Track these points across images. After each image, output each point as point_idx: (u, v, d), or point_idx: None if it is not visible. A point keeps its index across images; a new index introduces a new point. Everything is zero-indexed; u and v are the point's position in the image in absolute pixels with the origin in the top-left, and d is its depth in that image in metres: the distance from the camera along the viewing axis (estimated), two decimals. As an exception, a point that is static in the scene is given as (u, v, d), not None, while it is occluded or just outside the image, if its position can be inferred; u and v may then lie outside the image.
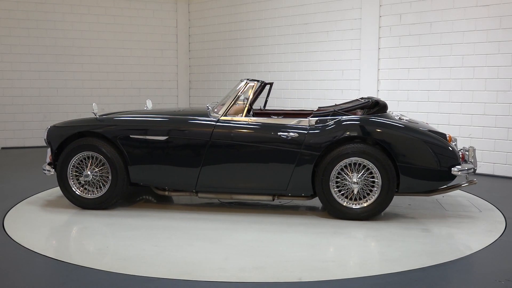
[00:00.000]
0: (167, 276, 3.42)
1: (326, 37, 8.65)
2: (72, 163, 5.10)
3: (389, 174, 4.66)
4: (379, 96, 7.98)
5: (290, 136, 4.80)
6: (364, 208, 4.74)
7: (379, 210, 4.76)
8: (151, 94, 10.75)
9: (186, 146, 4.96)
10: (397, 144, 4.69)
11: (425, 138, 4.73)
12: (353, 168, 4.73)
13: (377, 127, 4.79)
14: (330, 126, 4.81)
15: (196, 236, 4.33)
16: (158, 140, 5.00)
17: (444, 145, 4.73)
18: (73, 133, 5.14)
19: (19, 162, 8.25)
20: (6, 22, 9.51)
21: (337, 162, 4.71)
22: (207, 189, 5.03)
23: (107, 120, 5.23)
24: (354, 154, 4.68)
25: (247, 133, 4.91)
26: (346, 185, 4.74)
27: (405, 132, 4.75)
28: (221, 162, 4.91)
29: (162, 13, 10.85)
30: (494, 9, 6.88)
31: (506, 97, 6.87)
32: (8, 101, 9.65)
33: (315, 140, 4.77)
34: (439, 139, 4.76)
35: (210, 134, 4.90)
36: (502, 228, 4.58)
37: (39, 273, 3.54)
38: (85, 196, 5.11)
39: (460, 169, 4.67)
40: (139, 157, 5.02)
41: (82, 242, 4.22)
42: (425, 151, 4.68)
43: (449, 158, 4.69)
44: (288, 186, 4.84)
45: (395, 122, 4.85)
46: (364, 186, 4.73)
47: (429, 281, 3.38)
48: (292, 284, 3.34)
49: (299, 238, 4.29)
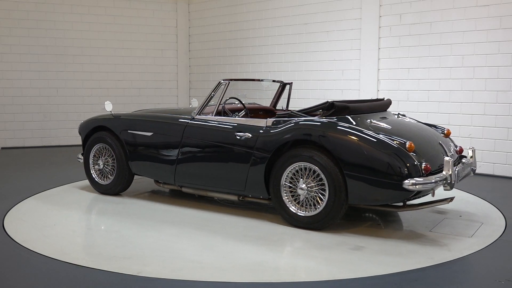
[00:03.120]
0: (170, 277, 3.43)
1: (326, 37, 8.65)
2: (92, 153, 5.84)
3: (335, 182, 4.23)
4: (379, 96, 7.99)
5: (245, 137, 4.75)
6: (312, 217, 4.39)
7: (327, 221, 4.34)
8: (151, 94, 10.77)
9: (166, 142, 5.30)
10: (341, 150, 4.23)
11: (372, 145, 4.16)
12: (307, 174, 4.41)
13: (320, 130, 4.38)
14: (280, 128, 4.59)
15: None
16: (145, 135, 5.44)
17: (395, 154, 4.09)
18: (93, 127, 5.84)
19: (19, 162, 8.25)
20: (6, 22, 9.52)
21: (286, 166, 4.47)
22: (184, 184, 5.27)
23: (116, 117, 5.76)
24: (302, 158, 4.39)
25: (209, 132, 5.03)
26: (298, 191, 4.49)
27: (349, 137, 4.25)
28: (191, 159, 5.14)
29: (162, 13, 10.85)
30: (494, 9, 6.89)
31: (506, 97, 6.88)
32: (8, 101, 9.65)
33: (266, 142, 4.62)
34: (390, 147, 4.13)
35: (182, 132, 5.18)
36: (502, 228, 4.58)
37: (39, 273, 3.54)
38: (100, 182, 5.82)
39: (414, 182, 3.98)
40: (134, 151, 5.52)
41: (82, 242, 4.21)
42: (373, 159, 4.12)
43: (400, 169, 4.04)
44: (246, 188, 4.80)
45: (342, 127, 4.36)
46: (316, 194, 4.38)
47: (428, 281, 3.38)
48: (292, 284, 3.34)
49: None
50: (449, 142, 5.02)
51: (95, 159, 5.84)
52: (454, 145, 5.05)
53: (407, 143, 4.16)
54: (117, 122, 5.68)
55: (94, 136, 5.80)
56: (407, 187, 3.98)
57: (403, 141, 4.19)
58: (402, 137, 4.32)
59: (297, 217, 4.48)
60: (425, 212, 5.07)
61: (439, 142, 4.72)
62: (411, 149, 4.14)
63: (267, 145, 4.60)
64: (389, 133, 4.35)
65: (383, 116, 4.91)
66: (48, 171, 7.34)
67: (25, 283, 3.35)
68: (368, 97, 7.93)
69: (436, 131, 5.10)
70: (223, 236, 4.35)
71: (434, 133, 4.97)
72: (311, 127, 4.44)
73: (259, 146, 4.64)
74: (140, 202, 5.53)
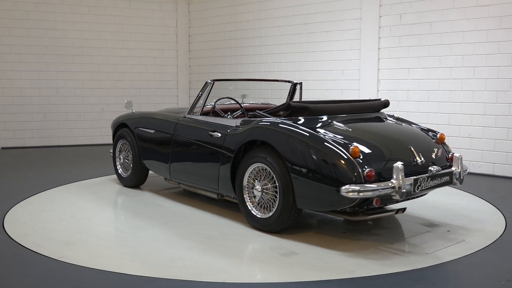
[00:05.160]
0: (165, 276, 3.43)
1: (326, 37, 8.65)
2: (118, 148, 6.30)
3: (283, 184, 4.11)
4: (379, 96, 7.99)
5: (216, 136, 4.84)
6: (266, 220, 4.32)
7: (278, 225, 4.23)
8: (151, 94, 10.77)
9: (163, 140, 5.56)
10: (287, 151, 4.10)
11: (313, 147, 3.98)
12: (264, 175, 4.33)
13: (268, 131, 4.31)
14: (243, 129, 4.59)
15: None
16: (149, 132, 5.76)
17: (333, 158, 3.86)
18: (118, 124, 6.33)
19: (19, 162, 8.25)
20: (6, 22, 9.51)
21: (247, 167, 4.44)
22: (177, 180, 5.47)
23: (135, 115, 6.17)
24: (258, 159, 4.33)
25: (191, 131, 5.21)
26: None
27: (292, 139, 4.11)
28: (179, 156, 5.34)
29: (162, 13, 10.86)
30: (494, 9, 6.88)
31: (506, 97, 6.88)
32: (8, 101, 9.65)
33: (230, 142, 4.65)
34: (330, 151, 3.91)
35: (173, 130, 5.43)
36: (502, 228, 4.58)
37: (39, 273, 3.54)
38: (122, 175, 6.24)
39: (351, 189, 3.72)
40: (143, 147, 5.85)
41: (82, 242, 4.21)
42: (314, 163, 3.93)
43: (337, 174, 3.81)
44: (219, 187, 4.84)
45: (288, 127, 4.22)
46: (272, 196, 4.28)
47: (429, 281, 3.38)
48: (293, 284, 3.34)
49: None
50: (440, 148, 4.55)
51: (119, 154, 6.31)
52: (446, 151, 4.60)
53: (351, 147, 3.88)
54: (133, 119, 6.10)
55: (118, 133, 6.27)
56: (343, 194, 3.73)
57: (348, 145, 3.93)
58: (358, 141, 4.06)
59: (256, 219, 4.43)
60: (423, 212, 5.07)
61: (410, 148, 4.23)
62: (355, 154, 3.86)
63: (231, 145, 4.64)
64: (344, 137, 4.10)
65: (361, 118, 4.71)
66: (48, 171, 7.34)
67: (25, 283, 3.35)
68: (368, 97, 7.93)
69: (426, 136, 4.68)
70: (174, 232, 4.41)
71: (416, 139, 4.51)
72: (262, 128, 4.40)
73: (226, 145, 4.71)
74: (146, 197, 5.54)
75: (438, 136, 4.70)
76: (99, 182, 6.53)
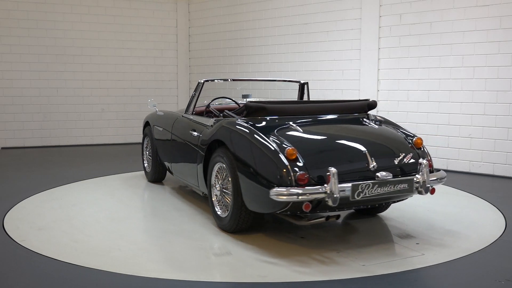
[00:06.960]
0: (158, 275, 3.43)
1: (326, 37, 8.65)
2: (144, 144, 6.69)
3: (234, 184, 4.08)
4: (379, 96, 8.00)
5: (193, 135, 5.00)
6: (223, 219, 4.33)
7: (232, 225, 4.21)
8: (151, 94, 10.76)
9: (166, 137, 5.85)
10: (235, 150, 4.11)
11: (254, 149, 3.94)
12: (225, 174, 4.31)
13: (224, 130, 4.36)
14: (211, 128, 4.67)
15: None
16: (160, 130, 6.07)
17: (266, 158, 3.80)
18: (144, 122, 6.67)
19: (19, 162, 8.25)
20: (6, 22, 9.51)
21: (212, 166, 4.48)
22: (177, 177, 5.70)
23: (157, 114, 6.43)
24: (220, 159, 4.32)
25: (181, 130, 5.43)
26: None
27: (238, 138, 4.13)
28: (175, 154, 5.59)
29: (162, 13, 10.85)
30: (494, 9, 6.89)
31: (506, 97, 6.88)
32: (8, 101, 9.65)
33: (201, 141, 4.79)
34: (266, 151, 3.84)
35: (171, 128, 5.70)
36: (502, 228, 4.58)
37: (39, 273, 3.54)
38: (146, 169, 6.65)
39: (278, 192, 3.58)
40: (157, 144, 6.18)
41: (82, 242, 4.21)
42: (252, 164, 3.90)
43: (268, 175, 3.74)
44: (199, 184, 4.92)
45: (240, 126, 4.21)
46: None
47: (429, 281, 3.38)
48: (288, 283, 3.34)
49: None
50: (409, 154, 4.18)
51: (145, 150, 6.71)
52: (420, 156, 4.21)
53: (287, 149, 3.74)
54: (152, 117, 6.48)
55: (145, 131, 6.65)
56: (272, 196, 3.60)
57: (284, 147, 3.80)
58: (305, 144, 4.01)
59: (220, 218, 4.43)
60: (422, 212, 5.07)
61: (364, 152, 3.97)
62: (291, 156, 3.72)
63: (202, 144, 4.75)
64: (288, 138, 3.99)
65: (328, 119, 4.54)
66: (48, 171, 7.34)
67: (25, 283, 3.35)
68: (368, 96, 7.93)
69: (397, 140, 4.33)
70: (147, 227, 4.62)
71: (381, 143, 4.27)
72: (222, 127, 4.44)
73: (200, 144, 4.83)
74: (160, 195, 5.54)
75: (414, 140, 4.34)
76: (99, 182, 6.53)
